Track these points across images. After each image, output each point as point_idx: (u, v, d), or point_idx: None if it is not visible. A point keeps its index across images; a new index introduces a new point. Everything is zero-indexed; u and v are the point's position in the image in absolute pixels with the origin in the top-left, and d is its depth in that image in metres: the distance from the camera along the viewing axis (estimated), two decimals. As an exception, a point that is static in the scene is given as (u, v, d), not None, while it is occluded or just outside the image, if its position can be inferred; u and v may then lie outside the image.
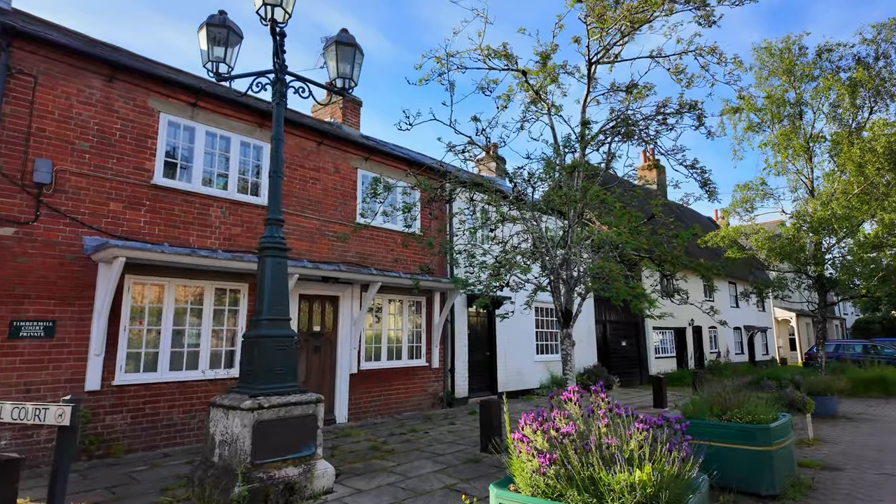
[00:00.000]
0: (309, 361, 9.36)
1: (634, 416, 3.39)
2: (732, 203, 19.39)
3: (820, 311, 17.57)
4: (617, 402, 3.52)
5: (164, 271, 7.65)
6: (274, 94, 6.13)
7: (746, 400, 6.15)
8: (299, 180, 9.56)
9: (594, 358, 16.58)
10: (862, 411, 11.90)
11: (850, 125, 18.01)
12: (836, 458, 7.41)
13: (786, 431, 5.98)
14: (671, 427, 3.36)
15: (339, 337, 9.78)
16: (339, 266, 9.14)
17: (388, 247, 10.64)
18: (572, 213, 7.48)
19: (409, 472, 6.19)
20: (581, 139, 7.62)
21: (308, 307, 9.48)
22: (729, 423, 5.86)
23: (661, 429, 3.25)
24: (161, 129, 7.97)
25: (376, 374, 10.31)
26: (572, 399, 3.53)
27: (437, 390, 11.49)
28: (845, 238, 17.33)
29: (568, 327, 7.76)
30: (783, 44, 18.53)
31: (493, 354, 13.36)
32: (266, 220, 5.78)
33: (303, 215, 9.48)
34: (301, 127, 9.65)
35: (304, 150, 9.74)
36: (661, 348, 20.54)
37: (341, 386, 9.64)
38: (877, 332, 33.92)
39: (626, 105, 7.44)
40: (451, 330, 12.10)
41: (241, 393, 5.28)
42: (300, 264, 8.58)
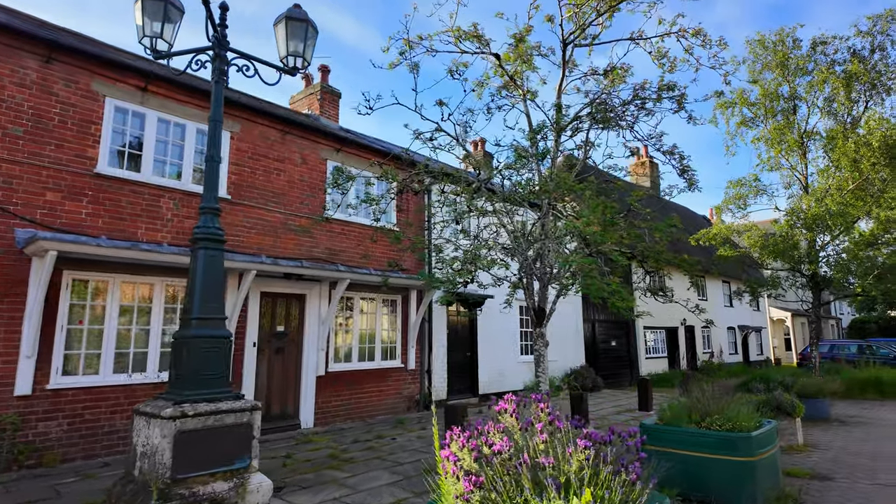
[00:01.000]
0: (271, 363, 8.84)
1: (581, 429, 2.89)
2: (725, 200, 18.93)
3: (814, 310, 17.11)
4: (557, 413, 3.01)
5: (107, 267, 7.13)
6: (213, 72, 5.63)
7: (728, 405, 5.66)
8: (262, 171, 9.04)
9: (581, 358, 16.10)
10: (856, 414, 11.43)
11: (844, 120, 17.56)
12: (827, 467, 6.92)
13: (770, 440, 5.49)
14: (623, 443, 2.86)
15: (305, 337, 9.26)
16: (301, 262, 8.63)
17: (359, 242, 10.13)
18: (546, 205, 6.98)
19: (361, 485, 5.68)
20: (556, 125, 7.13)
21: (271, 306, 8.96)
22: (708, 430, 5.37)
23: (610, 445, 2.75)
24: (107, 114, 7.45)
25: (346, 377, 9.80)
26: (508, 409, 3.02)
27: (414, 393, 10.98)
28: (840, 235, 16.87)
29: (541, 326, 7.27)
30: (777, 36, 18.05)
31: (474, 355, 12.86)
32: (200, 208, 5.27)
33: (265, 208, 8.97)
34: (264, 115, 9.13)
35: (268, 140, 9.23)
36: (652, 348, 20.07)
37: (307, 389, 9.12)
38: (873, 331, 33.52)
39: (604, 89, 6.94)
40: (429, 329, 11.59)
41: (166, 399, 4.77)
42: (258, 260, 8.06)
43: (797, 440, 8.13)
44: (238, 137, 8.80)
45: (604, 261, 6.56)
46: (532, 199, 6.51)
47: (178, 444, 4.45)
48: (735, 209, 18.60)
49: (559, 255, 6.03)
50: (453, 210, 6.68)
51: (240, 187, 8.72)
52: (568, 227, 6.01)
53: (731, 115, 19.00)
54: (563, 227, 6.07)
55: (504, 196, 6.55)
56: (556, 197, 6.70)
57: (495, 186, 6.81)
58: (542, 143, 7.16)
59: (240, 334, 8.37)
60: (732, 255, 18.36)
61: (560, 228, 6.00)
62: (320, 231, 9.70)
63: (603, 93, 6.87)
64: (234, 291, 8.18)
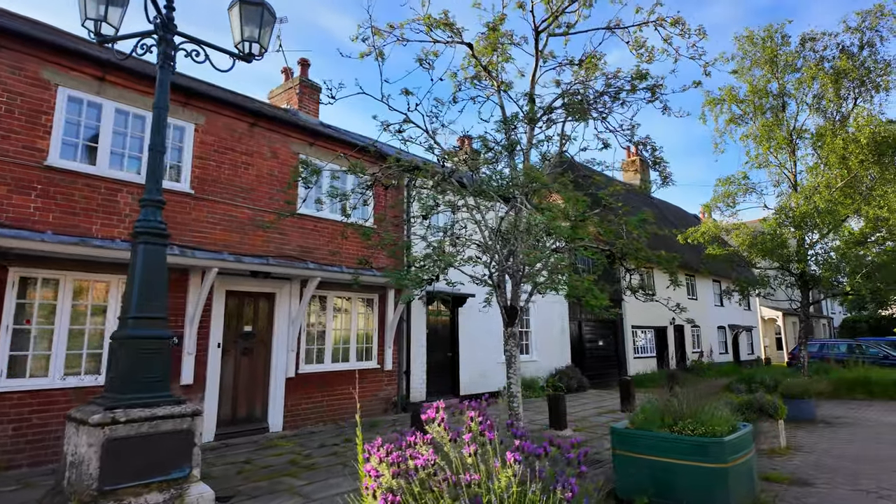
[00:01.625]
0: (237, 365, 8.52)
1: (520, 437, 2.60)
2: (714, 198, 18.72)
3: (803, 309, 16.91)
4: (490, 423, 2.72)
5: (57, 264, 6.80)
6: (158, 56, 5.31)
7: (702, 408, 5.39)
8: (228, 165, 8.72)
9: (567, 359, 15.84)
10: (842, 415, 11.21)
11: (833, 117, 17.37)
12: (808, 471, 6.67)
13: (745, 444, 5.22)
14: (563, 455, 2.58)
15: (274, 338, 8.94)
16: (267, 259, 8.31)
17: (331, 239, 9.81)
18: (516, 198, 6.69)
19: (316, 493, 5.38)
20: (528, 116, 6.84)
21: (238, 305, 8.64)
22: (679, 435, 5.10)
23: (546, 458, 2.46)
24: (59, 104, 7.11)
25: (319, 378, 9.49)
26: (436, 419, 2.73)
27: (391, 394, 10.68)
28: (829, 234, 16.68)
29: (512, 325, 6.99)
30: (765, 32, 17.84)
31: (455, 355, 12.57)
32: (141, 201, 4.94)
33: (232, 203, 8.64)
34: (230, 106, 8.81)
35: (235, 132, 8.90)
36: (640, 348, 19.84)
37: (276, 391, 8.81)
38: (864, 330, 33.46)
39: (577, 79, 6.66)
40: (408, 329, 11.29)
41: (99, 404, 4.45)
42: (220, 257, 7.74)
43: (779, 443, 7.88)
44: (202, 130, 8.48)
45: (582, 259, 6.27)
46: (502, 192, 6.22)
47: (107, 452, 4.13)
48: (724, 207, 18.41)
49: (528, 252, 5.75)
50: (422, 205, 6.38)
51: (204, 182, 8.39)
52: (531, 221, 5.73)
53: (719, 112, 18.80)
54: (526, 221, 5.79)
55: (473, 190, 6.26)
56: (527, 191, 6.41)
57: (465, 180, 6.53)
58: (514, 134, 6.87)
59: (203, 335, 8.05)
60: (721, 254, 18.16)
61: (532, 223, 5.71)
62: (291, 228, 9.39)
63: (576, 83, 6.59)
64: (197, 290, 7.85)
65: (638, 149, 6.28)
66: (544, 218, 5.24)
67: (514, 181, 6.15)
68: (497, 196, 6.11)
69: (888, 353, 19.06)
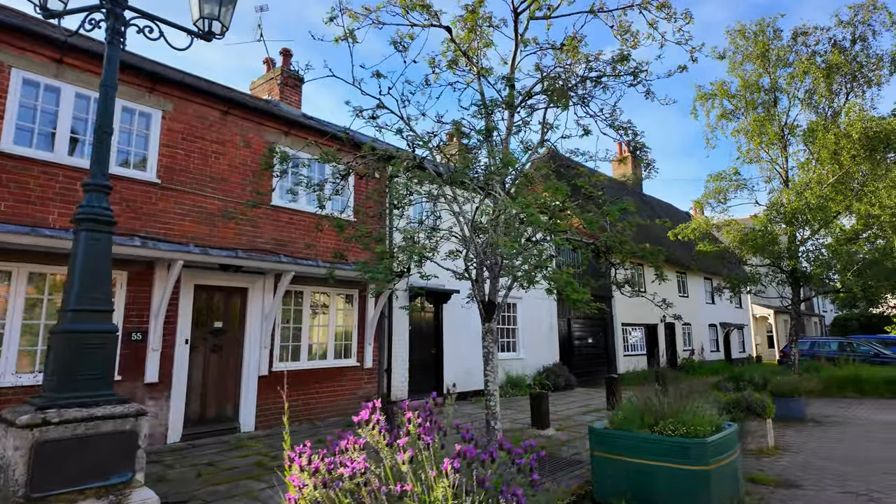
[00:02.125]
0: (207, 362, 8.18)
1: (468, 440, 2.30)
2: (705, 194, 18.54)
3: (794, 306, 16.74)
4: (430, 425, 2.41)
5: (8, 255, 6.43)
6: (106, 31, 4.95)
7: (683, 408, 5.11)
8: (198, 154, 8.36)
9: (555, 356, 15.57)
10: (832, 413, 11.01)
11: (825, 112, 17.19)
12: (796, 472, 6.42)
13: (729, 445, 4.95)
14: (513, 461, 2.27)
15: (246, 334, 8.60)
16: (237, 252, 7.97)
17: (308, 232, 9.47)
18: (497, 188, 6.39)
19: (275, 498, 5.06)
20: (507, 101, 6.54)
21: (207, 300, 8.29)
22: (658, 436, 4.81)
23: (493, 464, 2.16)
24: (13, 87, 6.73)
25: (294, 376, 9.15)
26: (371, 421, 2.42)
27: (370, 393, 10.36)
28: (820, 230, 16.50)
29: (490, 321, 6.68)
30: (757, 26, 17.62)
31: (439, 352, 12.27)
32: (84, 185, 4.59)
33: (201, 194, 8.29)
34: (201, 93, 8.45)
35: (206, 120, 8.54)
36: (630, 345, 19.62)
37: (248, 390, 8.47)
38: (855, 328, 33.43)
39: (558, 63, 6.36)
40: (389, 326, 10.98)
41: (33, 404, 4.11)
42: (185, 249, 7.39)
43: (767, 442, 7.64)
44: (170, 117, 8.11)
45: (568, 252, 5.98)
46: (477, 181, 5.92)
47: (36, 456, 3.80)
48: (715, 203, 18.21)
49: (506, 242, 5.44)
50: (394, 194, 6.07)
51: (172, 171, 8.03)
52: (503, 209, 5.43)
53: (711, 107, 18.59)
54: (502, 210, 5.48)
55: (448, 178, 5.95)
56: (503, 179, 6.10)
57: (440, 168, 6.22)
58: (493, 121, 6.56)
59: (170, 331, 7.70)
60: (712, 250, 17.96)
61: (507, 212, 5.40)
62: (265, 220, 9.05)
63: (557, 67, 6.29)
64: (163, 284, 7.50)
65: (619, 133, 6.00)
66: (516, 205, 4.93)
67: (490, 169, 5.84)
68: (473, 185, 5.80)
69: (879, 351, 18.94)
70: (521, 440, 7.96)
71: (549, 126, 7.02)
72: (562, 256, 15.20)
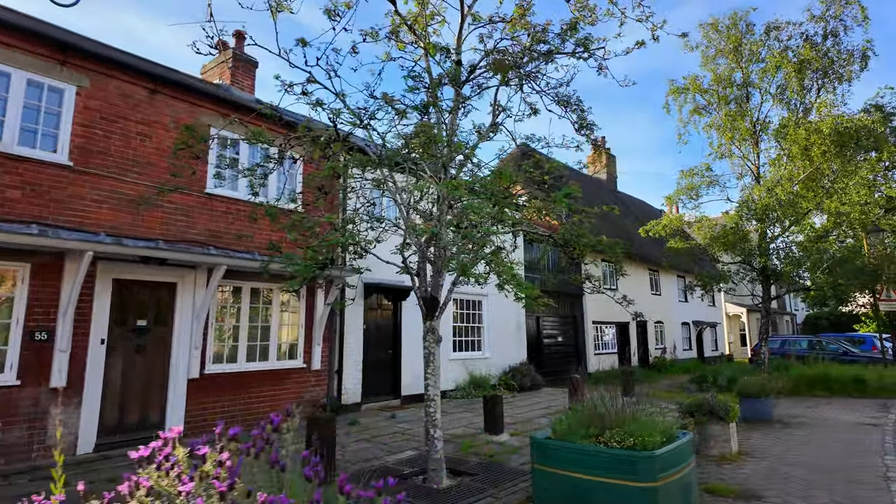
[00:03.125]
0: (128, 364, 7.43)
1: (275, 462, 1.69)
2: (677, 191, 18.24)
3: (764, 304, 16.55)
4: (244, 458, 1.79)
5: None
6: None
7: (631, 416, 4.59)
8: (119, 135, 7.59)
9: (523, 355, 15.07)
10: (800, 414, 10.69)
11: (797, 108, 17.02)
12: (758, 481, 5.97)
13: (681, 458, 4.43)
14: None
15: (175, 333, 7.87)
16: (157, 243, 7.23)
17: (250, 223, 8.74)
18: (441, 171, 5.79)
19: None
20: (452, 76, 5.94)
21: (128, 296, 7.54)
22: (603, 448, 4.28)
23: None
24: None
25: (230, 379, 8.45)
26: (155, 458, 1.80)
27: (318, 396, 9.69)
28: (790, 227, 16.33)
29: (432, 319, 6.09)
30: (730, 20, 17.39)
31: (397, 352, 11.65)
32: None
33: (122, 179, 7.53)
34: (124, 68, 7.68)
35: (130, 99, 7.78)
36: (601, 344, 19.26)
37: (176, 394, 7.75)
38: (825, 327, 33.77)
39: (504, 35, 5.78)
40: (341, 324, 10.32)
41: None
42: (94, 238, 6.64)
43: (731, 448, 7.20)
44: (86, 94, 7.33)
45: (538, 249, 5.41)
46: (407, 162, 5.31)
47: None
48: (687, 199, 17.94)
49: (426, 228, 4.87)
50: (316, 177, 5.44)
51: (88, 153, 7.26)
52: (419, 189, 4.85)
53: (683, 101, 18.34)
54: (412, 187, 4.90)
55: (377, 160, 5.34)
56: (446, 160, 5.51)
57: (370, 149, 5.62)
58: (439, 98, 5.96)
59: (81, 330, 6.94)
60: (683, 247, 17.70)
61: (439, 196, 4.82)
62: (199, 209, 8.32)
63: (503, 39, 5.72)
64: (72, 278, 6.74)
65: (564, 110, 5.46)
66: (443, 186, 4.35)
67: (429, 150, 5.25)
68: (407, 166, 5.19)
69: (848, 350, 18.90)
70: (470, 447, 7.42)
71: (502, 108, 6.45)
72: (535, 253, 14.74)
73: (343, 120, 5.28)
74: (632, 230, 21.52)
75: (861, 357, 18.24)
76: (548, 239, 7.45)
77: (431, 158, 5.41)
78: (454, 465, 6.19)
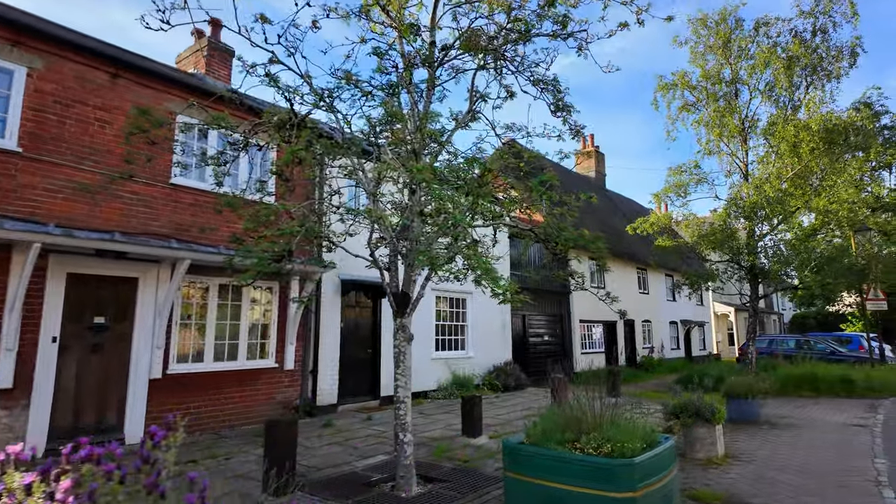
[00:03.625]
0: (84, 364, 7.00)
1: None
2: (665, 188, 18.00)
3: (752, 303, 16.38)
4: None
5: None
6: None
7: (610, 419, 4.27)
8: (75, 121, 7.16)
9: (508, 354, 14.76)
10: (788, 414, 10.47)
11: (786, 106, 16.86)
12: (745, 487, 5.68)
13: (663, 465, 4.11)
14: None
15: (136, 331, 7.45)
16: (113, 234, 6.80)
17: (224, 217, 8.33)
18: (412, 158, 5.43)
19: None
20: (424, 57, 5.60)
21: (85, 292, 7.10)
22: (579, 455, 3.95)
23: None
24: None
25: (196, 380, 8.04)
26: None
27: (292, 397, 9.30)
28: (778, 225, 16.18)
29: (403, 316, 5.74)
30: (719, 16, 17.19)
31: (377, 352, 11.28)
32: None
33: (78, 168, 7.09)
34: (81, 50, 7.25)
35: (89, 83, 7.34)
36: (588, 343, 19.02)
37: (136, 395, 7.33)
38: (812, 326, 33.86)
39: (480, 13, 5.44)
40: (317, 322, 9.93)
41: None
42: (40, 229, 6.21)
43: (717, 451, 6.92)
44: (39, 76, 6.89)
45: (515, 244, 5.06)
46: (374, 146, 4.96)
47: None
48: (675, 197, 17.72)
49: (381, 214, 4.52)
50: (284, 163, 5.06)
51: (41, 139, 6.82)
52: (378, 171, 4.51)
53: (672, 98, 18.12)
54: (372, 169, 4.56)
55: (342, 145, 4.98)
56: (418, 147, 5.16)
57: (336, 133, 5.25)
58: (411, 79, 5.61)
59: (31, 327, 6.51)
60: (671, 245, 17.49)
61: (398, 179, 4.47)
62: (163, 201, 7.91)
63: (479, 17, 5.37)
64: (19, 271, 6.30)
65: (539, 89, 5.13)
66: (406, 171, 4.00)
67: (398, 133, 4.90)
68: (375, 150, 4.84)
69: (835, 349, 18.82)
70: (445, 451, 7.08)
71: (480, 95, 6.10)
72: (515, 250, 14.41)
73: (303, 101, 4.91)
74: (620, 228, 21.32)
75: (848, 356, 18.17)
76: (529, 233, 7.13)
77: (401, 144, 5.06)
78: (426, 471, 5.85)
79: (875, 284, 17.30)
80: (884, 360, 17.83)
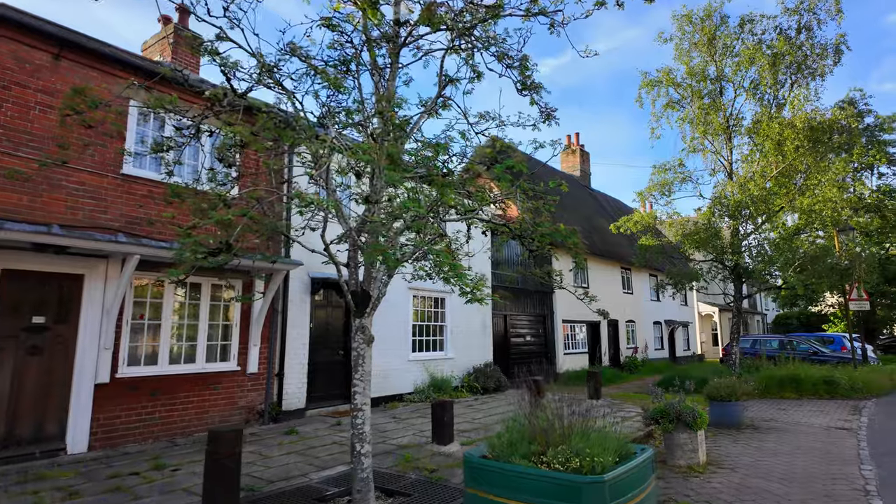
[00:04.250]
0: (20, 367, 6.44)
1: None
2: (649, 187, 17.77)
3: (736, 303, 16.19)
4: None
5: None
6: None
7: (580, 429, 3.87)
8: (13, 105, 6.61)
9: (488, 355, 14.36)
10: (772, 417, 10.21)
11: (770, 104, 16.70)
12: (729, 496, 5.34)
13: (638, 480, 3.72)
14: None
15: (81, 332, 6.91)
16: (49, 227, 6.27)
17: (178, 211, 7.81)
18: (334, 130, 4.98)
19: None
20: (388, 37, 5.16)
21: (23, 290, 6.55)
22: (545, 471, 3.55)
23: None
24: None
25: (150, 384, 7.51)
26: None
27: (255, 402, 8.80)
28: (763, 224, 16.00)
29: (362, 316, 5.31)
30: (704, 12, 16.98)
31: (349, 353, 10.79)
32: None
33: (14, 155, 6.54)
34: (20, 29, 6.69)
35: (28, 64, 6.79)
36: (571, 343, 18.70)
37: (80, 401, 6.79)
38: (794, 326, 33.98)
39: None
40: (283, 323, 9.43)
41: None
42: (-35, 220, 5.66)
43: (698, 458, 6.58)
44: (-30, 54, 6.34)
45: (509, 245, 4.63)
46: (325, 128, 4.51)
47: None
48: (659, 195, 17.49)
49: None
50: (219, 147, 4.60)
51: (-28, 123, 6.26)
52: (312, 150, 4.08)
53: (657, 95, 17.89)
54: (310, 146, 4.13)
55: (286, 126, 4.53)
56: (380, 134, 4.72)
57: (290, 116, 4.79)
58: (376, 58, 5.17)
59: (-42, 328, 5.95)
60: (654, 244, 17.25)
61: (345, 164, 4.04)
62: (114, 192, 7.37)
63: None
64: (-57, 266, 5.75)
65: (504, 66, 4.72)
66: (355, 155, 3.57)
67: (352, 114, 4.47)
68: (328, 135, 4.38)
69: (818, 350, 18.72)
70: (412, 460, 6.65)
71: (450, 79, 5.68)
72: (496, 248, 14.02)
73: (248, 76, 4.45)
74: (605, 228, 21.05)
75: (831, 357, 18.08)
76: (504, 229, 6.73)
77: (357, 128, 4.62)
78: (387, 483, 5.42)
79: (858, 284, 17.23)
80: (866, 361, 17.76)
